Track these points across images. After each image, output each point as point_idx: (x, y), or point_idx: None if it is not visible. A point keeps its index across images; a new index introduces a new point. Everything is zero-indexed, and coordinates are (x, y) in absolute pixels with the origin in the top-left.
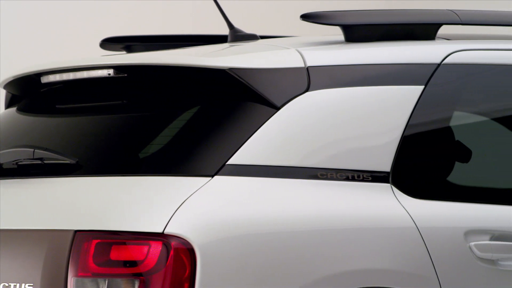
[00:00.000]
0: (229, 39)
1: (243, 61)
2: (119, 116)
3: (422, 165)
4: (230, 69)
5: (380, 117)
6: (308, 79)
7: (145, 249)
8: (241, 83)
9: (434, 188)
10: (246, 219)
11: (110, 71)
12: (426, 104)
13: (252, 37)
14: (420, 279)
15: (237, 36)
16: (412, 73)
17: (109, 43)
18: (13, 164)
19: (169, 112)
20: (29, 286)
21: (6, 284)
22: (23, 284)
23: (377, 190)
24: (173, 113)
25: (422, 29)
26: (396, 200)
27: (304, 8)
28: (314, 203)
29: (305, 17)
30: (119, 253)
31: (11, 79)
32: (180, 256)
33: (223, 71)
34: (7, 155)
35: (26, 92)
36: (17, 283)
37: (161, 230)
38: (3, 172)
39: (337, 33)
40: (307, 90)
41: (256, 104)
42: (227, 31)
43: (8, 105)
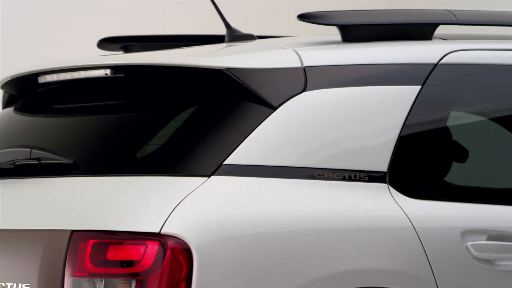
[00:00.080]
0: (227, 39)
1: (240, 61)
2: (116, 116)
3: (419, 165)
4: (227, 69)
5: (377, 117)
6: (305, 79)
7: (142, 249)
8: (238, 83)
9: (431, 188)
10: (243, 219)
11: (107, 71)
12: (423, 104)
13: (249, 37)
14: (417, 279)
15: (235, 36)
16: (409, 73)
17: (107, 43)
18: (10, 164)
19: (166, 112)
20: (26, 286)
21: (3, 284)
22: (20, 284)
23: (374, 190)
24: (170, 113)
25: (419, 29)
26: (393, 200)
27: (303, 8)
28: (311, 203)
29: (302, 17)
30: (116, 253)
31: (9, 79)
32: (177, 256)
33: (220, 71)
34: (4, 155)
35: (24, 92)
36: (14, 283)
37: (158, 230)
38: (0, 172)
39: (335, 33)
40: (304, 90)
41: (253, 104)
42: (225, 31)
43: (6, 105)
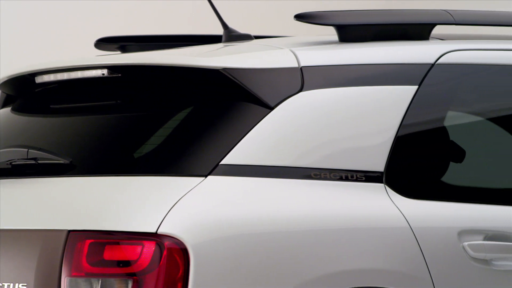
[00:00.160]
0: (224, 39)
1: (237, 61)
2: (113, 116)
3: (416, 165)
4: (224, 69)
5: (374, 117)
6: (302, 79)
7: (139, 249)
8: (235, 83)
9: (428, 188)
10: (240, 219)
11: (104, 71)
12: (420, 104)
13: (246, 37)
14: (414, 279)
15: (232, 36)
16: (406, 73)
17: (104, 43)
18: (7, 164)
19: (163, 112)
20: (23, 286)
21: (0, 284)
22: (17, 284)
23: (371, 190)
24: (167, 113)
25: (416, 29)
26: (390, 200)
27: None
28: (308, 203)
29: (299, 17)
30: (113, 253)
31: (6, 79)
32: (174, 256)
33: (217, 71)
34: (1, 155)
35: (21, 92)
36: (11, 283)
37: (155, 230)
38: None
39: (333, 33)
40: (301, 90)
41: (250, 104)
42: (222, 31)
43: (3, 105)
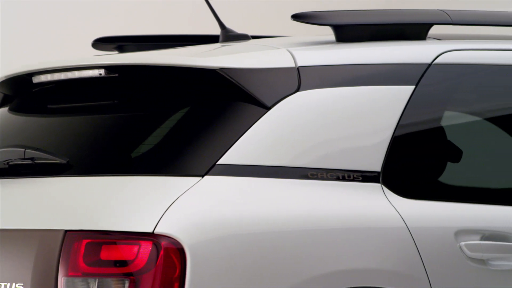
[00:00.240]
0: (221, 39)
1: (234, 61)
2: (110, 116)
3: (413, 165)
4: (221, 69)
5: (371, 117)
6: (299, 79)
7: (135, 249)
8: (232, 83)
9: (425, 188)
10: (237, 219)
11: (101, 71)
12: (417, 104)
13: (244, 37)
14: (411, 279)
15: (229, 36)
16: (403, 73)
17: (101, 43)
18: (4, 164)
19: (160, 112)
20: (19, 286)
21: None
22: (13, 284)
23: (368, 190)
24: (164, 113)
25: (413, 29)
26: (387, 200)
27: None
28: (305, 203)
29: (296, 17)
30: (109, 253)
31: (3, 79)
32: (170, 256)
33: (214, 71)
34: None
35: (18, 92)
36: (7, 283)
37: (151, 230)
38: None
39: (330, 33)
40: (298, 90)
41: (247, 104)
42: (219, 31)
43: (0, 105)
